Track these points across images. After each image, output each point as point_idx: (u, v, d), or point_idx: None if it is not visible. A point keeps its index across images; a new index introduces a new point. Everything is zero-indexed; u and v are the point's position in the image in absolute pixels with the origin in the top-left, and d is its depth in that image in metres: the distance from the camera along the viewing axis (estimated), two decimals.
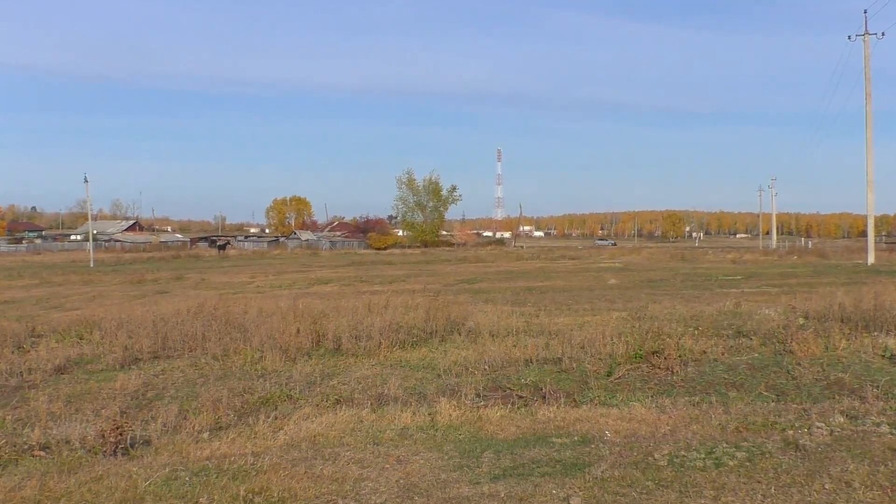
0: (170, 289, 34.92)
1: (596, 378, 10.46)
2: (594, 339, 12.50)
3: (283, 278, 41.87)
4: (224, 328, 14.34)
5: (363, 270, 49.85)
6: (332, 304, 18.77)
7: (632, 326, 14.54)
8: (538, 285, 32.69)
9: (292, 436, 7.95)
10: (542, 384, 10.09)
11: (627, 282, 34.46)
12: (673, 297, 24.19)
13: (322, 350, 13.32)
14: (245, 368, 12.00)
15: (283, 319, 14.51)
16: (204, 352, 13.20)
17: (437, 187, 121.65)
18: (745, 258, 60.10)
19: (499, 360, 11.80)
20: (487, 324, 15.47)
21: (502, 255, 75.76)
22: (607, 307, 20.60)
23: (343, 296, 25.70)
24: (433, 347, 13.51)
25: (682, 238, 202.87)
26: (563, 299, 24.02)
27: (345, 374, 11.39)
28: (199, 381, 11.17)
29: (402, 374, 11.27)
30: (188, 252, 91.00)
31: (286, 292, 29.69)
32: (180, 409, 9.17)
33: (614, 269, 47.27)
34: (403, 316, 15.73)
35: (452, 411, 8.67)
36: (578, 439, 7.62)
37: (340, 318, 14.97)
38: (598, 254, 75.99)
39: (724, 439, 7.36)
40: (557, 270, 46.39)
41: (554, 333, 14.35)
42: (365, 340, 13.32)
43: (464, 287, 32.72)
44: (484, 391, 9.97)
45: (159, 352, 13.45)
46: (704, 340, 12.85)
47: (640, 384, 10.14)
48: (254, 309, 16.63)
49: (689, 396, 9.36)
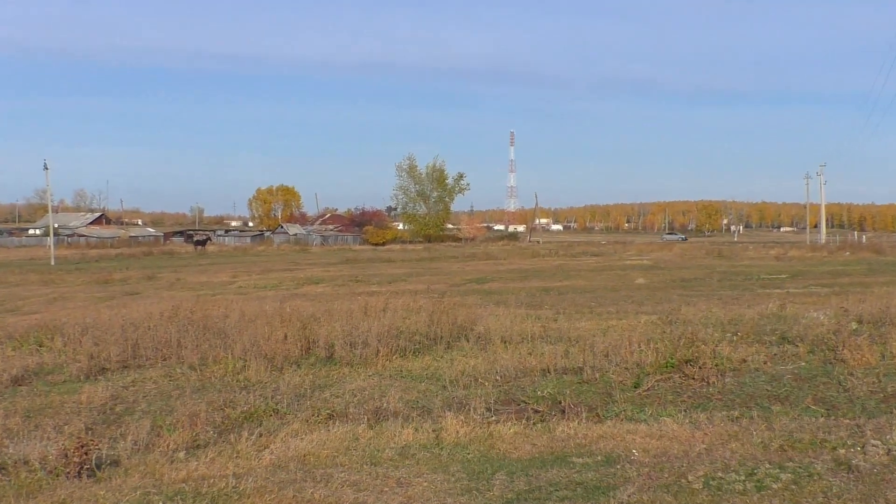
0: (141, 289, 34.98)
1: (622, 390, 10.44)
2: (620, 345, 12.47)
3: (268, 278, 41.91)
4: (202, 334, 14.35)
5: (359, 269, 49.87)
6: (324, 307, 18.76)
7: (662, 332, 14.50)
8: (556, 285, 32.66)
9: (279, 455, 7.96)
10: (561, 397, 10.08)
11: (657, 281, 34.39)
12: (709, 298, 24.13)
13: (312, 359, 13.33)
14: (226, 379, 12.02)
15: (269, 324, 14.52)
16: (179, 361, 13.22)
17: (442, 175, 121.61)
18: (790, 254, 59.93)
19: (512, 370, 11.79)
20: (499, 329, 15.46)
21: (516, 252, 75.70)
22: (634, 310, 20.55)
23: (336, 297, 25.69)
24: (438, 355, 13.51)
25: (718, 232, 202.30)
26: (584, 301, 23.99)
27: (338, 386, 11.39)
28: (173, 393, 11.20)
29: (402, 386, 11.27)
30: (161, 248, 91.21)
31: (272, 293, 29.73)
32: (153, 424, 9.20)
33: (642, 266, 47.19)
34: (404, 320, 15.71)
35: (460, 427, 8.67)
36: (602, 459, 7.61)
37: (333, 323, 14.97)
38: (624, 250, 75.88)
39: (767, 459, 7.34)
40: (578, 268, 46.34)
41: (574, 340, 14.33)
42: (361, 348, 13.32)
43: (472, 287, 32.70)
44: (495, 405, 9.96)
45: (129, 361, 13.48)
46: (744, 347, 12.81)
47: (671, 397, 10.13)
48: (235, 312, 16.63)
49: (727, 411, 9.34)
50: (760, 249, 69.86)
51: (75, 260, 68.27)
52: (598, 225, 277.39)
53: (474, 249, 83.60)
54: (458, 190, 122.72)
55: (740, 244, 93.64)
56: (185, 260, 68.47)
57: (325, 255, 75.25)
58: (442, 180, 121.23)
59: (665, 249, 72.37)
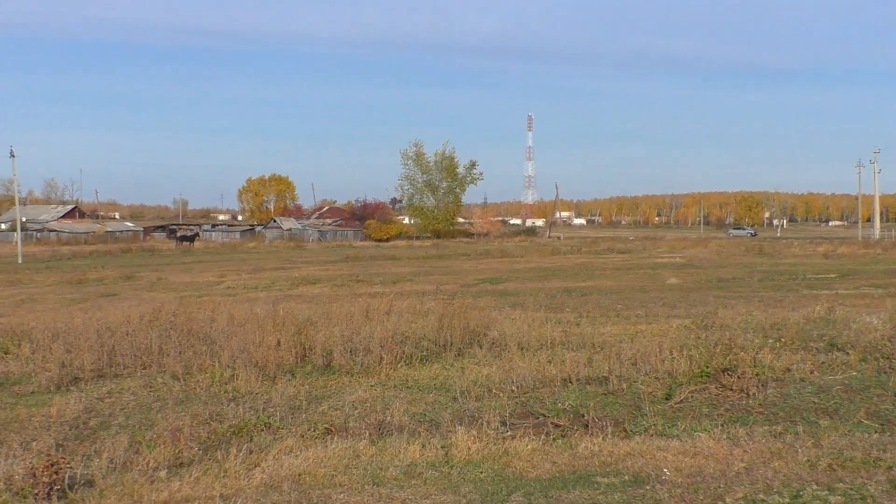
0: (118, 290, 35.12)
1: (651, 402, 10.41)
2: (649, 353, 12.44)
3: (259, 277, 41.99)
4: (186, 340, 14.38)
5: (360, 267, 49.92)
6: (322, 310, 18.78)
7: (696, 337, 14.45)
8: (579, 286, 32.62)
9: (271, 474, 7.97)
10: (584, 409, 10.06)
11: (691, 281, 34.31)
12: (748, 300, 24.06)
13: (309, 367, 13.34)
14: (212, 390, 12.04)
15: (260, 329, 14.54)
16: (161, 369, 13.25)
17: (453, 163, 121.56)
18: (839, 251, 59.71)
19: (530, 380, 11.78)
20: (515, 334, 15.45)
21: (534, 248, 75.68)
22: (666, 313, 20.51)
23: (335, 299, 25.71)
24: (447, 363, 13.51)
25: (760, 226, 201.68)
26: (610, 303, 23.95)
27: (337, 397, 11.40)
28: (154, 405, 11.22)
29: (408, 397, 11.27)
30: (141, 245, 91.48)
31: (264, 295, 29.79)
32: (131, 440, 9.21)
33: (674, 265, 47.09)
34: (410, 324, 15.71)
35: (472, 444, 8.66)
36: (630, 479, 7.58)
37: (331, 328, 14.97)
38: (654, 246, 75.77)
39: (814, 480, 7.30)
40: (603, 267, 46.28)
41: (599, 346, 14.31)
42: (362, 355, 13.33)
43: (486, 288, 32.69)
44: (511, 418, 9.95)
45: (105, 369, 13.52)
46: (788, 355, 12.76)
47: (706, 410, 10.10)
48: (223, 316, 16.66)
49: (769, 425, 9.31)
50: (806, 246, 69.64)
51: (45, 258, 68.61)
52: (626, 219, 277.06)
53: (488, 246, 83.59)
54: (471, 180, 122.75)
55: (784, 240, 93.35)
56: (168, 258, 68.69)
57: (322, 253, 75.35)
58: (452, 169, 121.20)
59: (700, 246, 72.19)
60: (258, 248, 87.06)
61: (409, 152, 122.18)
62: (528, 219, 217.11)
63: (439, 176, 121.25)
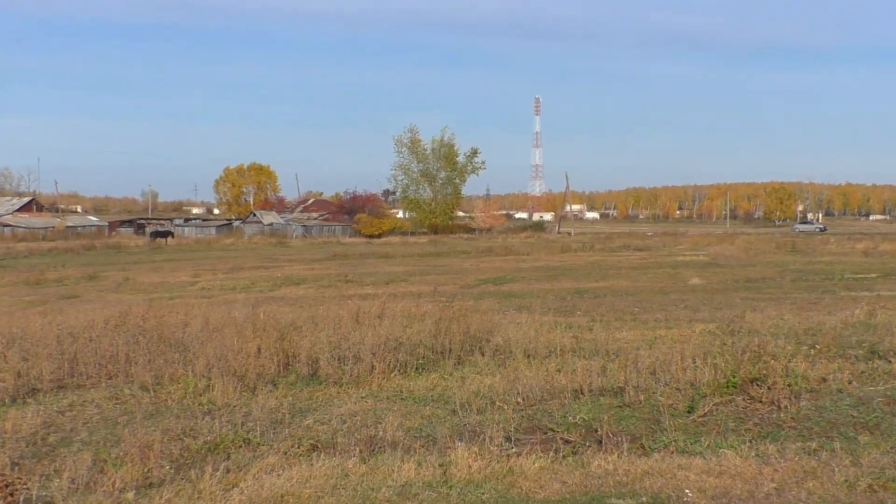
0: (81, 292, 35.09)
1: (672, 415, 10.41)
2: (669, 361, 12.45)
3: (238, 277, 42.00)
4: (156, 347, 14.37)
5: (349, 266, 49.91)
6: (307, 313, 18.77)
7: (722, 344, 14.44)
8: (592, 286, 32.62)
9: (251, 495, 7.96)
10: (598, 424, 10.06)
11: (716, 281, 34.32)
12: (779, 302, 24.06)
13: (292, 376, 13.34)
14: (185, 402, 12.03)
15: (239, 334, 14.53)
16: (128, 379, 13.24)
17: (452, 151, 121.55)
18: (881, 248, 59.69)
19: (537, 391, 11.77)
20: (521, 340, 15.44)
21: (542, 245, 75.67)
22: (688, 317, 20.51)
23: (322, 301, 25.70)
24: (446, 373, 13.51)
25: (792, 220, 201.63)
26: (626, 306, 23.94)
27: (324, 410, 11.40)
28: (121, 419, 11.21)
29: (402, 410, 11.26)
30: (106, 241, 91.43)
31: (243, 297, 29.78)
32: (95, 458, 9.20)
33: (697, 263, 47.12)
34: (405, 329, 15.70)
35: (473, 462, 8.66)
36: (648, 501, 7.58)
37: (318, 333, 14.97)
38: (675, 243, 75.79)
39: (853, 502, 7.30)
40: (618, 266, 46.29)
41: (613, 353, 14.31)
42: (351, 363, 13.32)
43: (488, 289, 32.68)
44: (516, 433, 9.95)
45: (66, 379, 13.50)
46: (824, 364, 12.76)
47: (733, 424, 10.10)
48: (198, 320, 16.65)
49: (802, 442, 9.31)
50: (844, 242, 69.64)
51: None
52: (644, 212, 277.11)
53: (491, 243, 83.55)
54: (472, 169, 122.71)
55: (819, 236, 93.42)
56: (136, 255, 68.65)
57: (307, 250, 75.28)
58: (451, 158, 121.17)
59: (726, 242, 72.21)
60: (236, 245, 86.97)
61: (404, 139, 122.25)
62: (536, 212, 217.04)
63: (437, 165, 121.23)
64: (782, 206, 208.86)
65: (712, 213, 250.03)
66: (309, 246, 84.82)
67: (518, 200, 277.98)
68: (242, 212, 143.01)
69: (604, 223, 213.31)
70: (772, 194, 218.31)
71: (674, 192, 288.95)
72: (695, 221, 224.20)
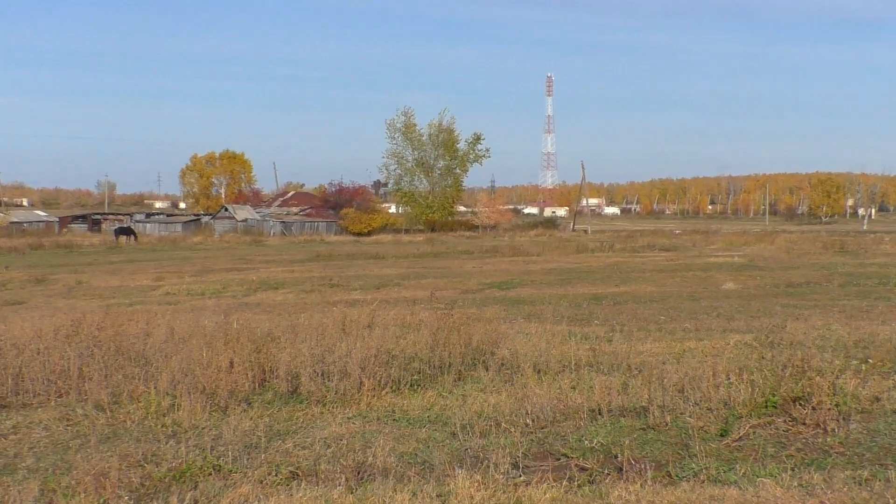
0: (27, 297, 35.03)
1: (703, 439, 10.40)
2: (700, 377, 12.43)
3: (207, 281, 41.96)
4: (114, 360, 14.34)
5: (334, 268, 49.90)
6: (286, 322, 18.75)
7: (760, 358, 14.43)
8: (611, 292, 32.60)
9: None
10: (618, 449, 10.05)
11: (753, 286, 34.30)
12: (826, 310, 24.04)
13: (269, 394, 13.33)
14: (147, 423, 12.02)
15: (208, 346, 14.51)
16: (81, 397, 13.22)
17: (452, 137, 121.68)
18: None
19: (549, 411, 11.76)
20: (531, 353, 15.43)
21: (554, 245, 75.66)
22: (721, 327, 20.49)
23: (303, 308, 25.66)
24: (444, 390, 13.50)
25: (841, 217, 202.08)
26: (650, 314, 23.93)
27: (305, 433, 11.38)
28: (72, 443, 11.19)
29: (395, 433, 11.25)
30: (56, 239, 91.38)
31: (212, 303, 29.75)
32: (43, 488, 9.19)
33: (732, 265, 47.11)
34: (398, 340, 15.68)
35: (475, 492, 8.65)
36: None
37: (299, 345, 14.95)
38: (707, 242, 75.81)
39: None
40: (642, 268, 46.29)
41: (636, 368, 14.29)
42: (337, 379, 13.31)
43: (493, 294, 32.66)
44: (525, 459, 9.94)
45: (9, 398, 13.48)
46: (877, 381, 12.74)
47: (772, 449, 10.08)
48: (161, 329, 16.63)
49: (851, 470, 9.29)
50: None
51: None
52: (670, 207, 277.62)
53: (496, 241, 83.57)
54: (474, 158, 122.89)
55: (871, 234, 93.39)
56: (91, 255, 68.63)
57: (286, 249, 75.27)
58: (451, 144, 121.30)
59: (764, 241, 72.21)
60: (205, 244, 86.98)
61: (397, 123, 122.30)
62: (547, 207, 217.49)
63: (435, 153, 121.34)
64: (829, 200, 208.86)
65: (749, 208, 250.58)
66: (288, 245, 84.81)
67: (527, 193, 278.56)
68: (212, 206, 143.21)
69: (625, 219, 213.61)
70: (817, 187, 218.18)
71: (705, 183, 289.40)
72: (729, 218, 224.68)
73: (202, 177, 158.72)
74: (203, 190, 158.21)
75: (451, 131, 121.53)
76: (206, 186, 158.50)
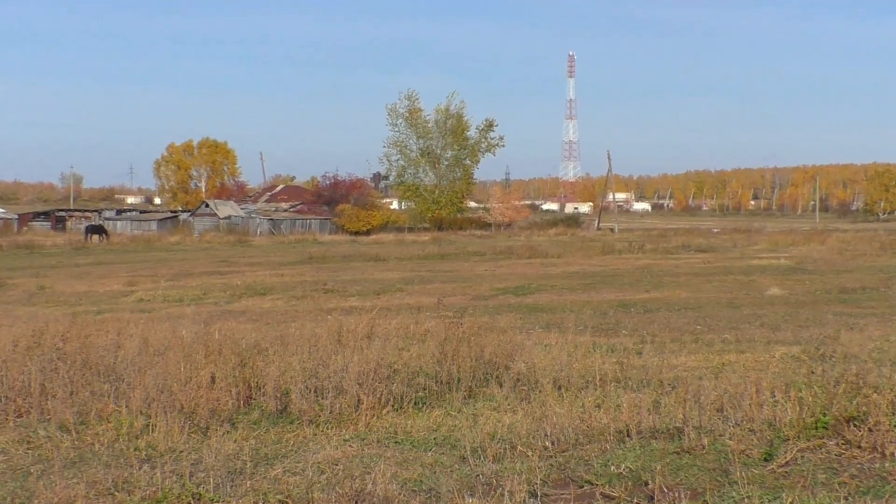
0: None
1: (744, 464, 10.39)
2: (741, 394, 12.40)
3: (186, 285, 42.00)
4: (80, 375, 14.32)
5: (329, 272, 49.90)
6: (275, 332, 18.76)
7: (809, 373, 14.39)
8: (641, 298, 32.58)
9: None
10: (648, 475, 10.04)
11: (801, 292, 34.24)
12: (884, 319, 23.99)
13: (256, 413, 13.33)
14: (117, 446, 12.02)
15: (187, 359, 14.51)
16: (44, 417, 13.23)
17: (461, 123, 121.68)
18: None
19: (571, 432, 11.75)
20: (550, 367, 15.43)
21: (577, 245, 75.60)
22: (765, 338, 20.47)
23: (294, 317, 25.68)
24: (453, 409, 13.50)
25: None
26: (685, 323, 23.92)
27: (296, 457, 11.38)
28: (34, 468, 11.20)
29: (397, 457, 11.25)
30: (16, 238, 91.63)
31: (191, 310, 29.73)
32: None
33: (778, 268, 47.06)
34: (401, 353, 15.69)
35: None
36: None
37: (289, 358, 14.96)
38: (749, 242, 75.66)
39: None
40: (676, 272, 46.26)
41: (669, 384, 14.27)
42: (332, 396, 13.30)
43: (508, 301, 32.65)
44: (544, 487, 9.94)
45: None
46: None
47: (823, 476, 10.06)
48: (134, 341, 16.64)
49: None
50: None
51: None
52: (708, 203, 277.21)
53: (511, 241, 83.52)
54: (487, 147, 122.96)
55: None
56: (55, 257, 68.71)
57: (275, 250, 75.31)
58: (460, 132, 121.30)
59: (814, 241, 72.07)
60: (183, 244, 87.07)
61: (400, 108, 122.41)
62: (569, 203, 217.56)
63: (442, 141, 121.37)
64: (888, 194, 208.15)
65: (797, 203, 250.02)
66: (277, 245, 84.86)
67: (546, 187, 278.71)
68: (191, 201, 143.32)
69: (657, 216, 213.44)
70: (874, 179, 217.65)
71: (747, 176, 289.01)
72: (774, 214, 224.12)
73: (180, 168, 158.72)
74: (181, 183, 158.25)
75: (460, 117, 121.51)
76: (185, 179, 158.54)
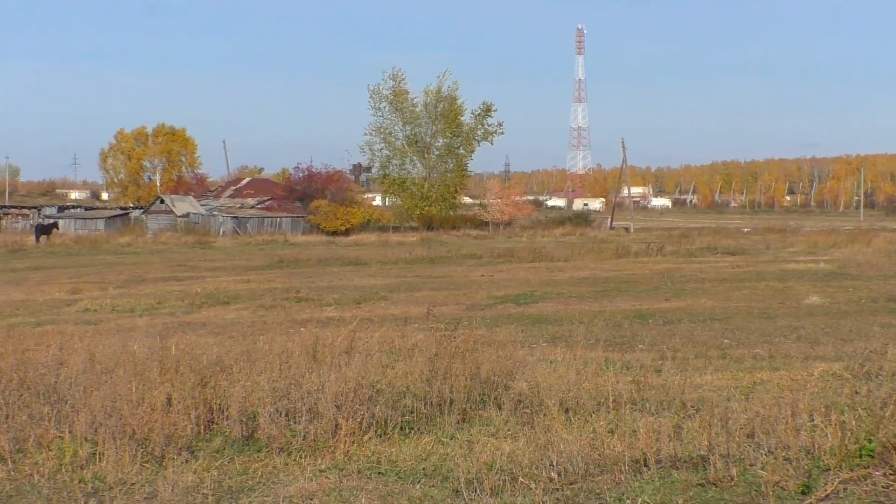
0: None
1: (779, 498, 10.43)
2: (775, 418, 12.44)
3: (138, 293, 42.00)
4: (17, 396, 14.35)
5: (302, 277, 49.92)
6: (240, 347, 18.77)
7: (853, 393, 14.44)
8: (660, 308, 32.62)
9: None
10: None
11: (844, 300, 34.30)
12: None
13: (218, 440, 13.33)
14: (60, 478, 12.04)
15: (140, 378, 14.52)
16: None
17: (455, 107, 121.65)
18: None
19: (580, 462, 11.77)
20: (556, 386, 15.45)
21: (586, 247, 75.61)
22: (802, 353, 20.50)
23: (262, 329, 25.70)
24: (445, 434, 13.52)
25: None
26: (710, 337, 23.95)
27: (265, 490, 11.40)
28: None
29: (380, 490, 11.27)
30: None
31: (144, 322, 29.75)
32: None
33: (816, 273, 47.15)
34: (385, 371, 15.71)
35: None
36: None
37: (256, 376, 14.97)
38: (784, 243, 75.75)
39: None
40: (700, 277, 46.31)
41: (692, 407, 14.29)
42: (306, 420, 13.32)
43: (508, 311, 32.68)
44: None
45: None
46: None
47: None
48: (79, 357, 16.64)
49: None
50: None
51: None
52: (737, 198, 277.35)
53: (511, 243, 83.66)
54: (483, 135, 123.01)
55: None
56: None
57: (240, 253, 75.36)
58: (454, 117, 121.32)
59: (859, 242, 72.12)
60: (135, 246, 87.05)
61: (383, 89, 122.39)
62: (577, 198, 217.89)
63: (432, 128, 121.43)
64: None
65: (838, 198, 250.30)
66: (243, 247, 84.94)
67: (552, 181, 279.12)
68: (144, 197, 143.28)
69: (678, 214, 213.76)
70: None
71: (782, 167, 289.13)
72: (813, 211, 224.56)
73: (130, 159, 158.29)
74: (132, 176, 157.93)
75: (453, 100, 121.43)
76: (136, 172, 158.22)
